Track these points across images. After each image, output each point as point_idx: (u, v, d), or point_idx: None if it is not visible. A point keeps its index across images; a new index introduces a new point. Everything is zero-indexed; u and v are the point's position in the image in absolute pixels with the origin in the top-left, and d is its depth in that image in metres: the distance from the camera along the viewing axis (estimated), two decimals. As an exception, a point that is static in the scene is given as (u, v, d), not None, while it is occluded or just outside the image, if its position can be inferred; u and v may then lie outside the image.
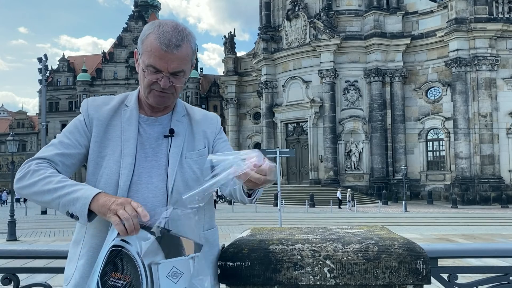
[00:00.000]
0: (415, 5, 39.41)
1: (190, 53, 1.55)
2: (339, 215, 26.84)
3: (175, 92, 1.59)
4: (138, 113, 1.64)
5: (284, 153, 18.31)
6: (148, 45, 1.51)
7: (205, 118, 1.76)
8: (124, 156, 1.56)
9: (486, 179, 34.02)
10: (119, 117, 1.64)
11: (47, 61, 32.95)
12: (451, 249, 1.80)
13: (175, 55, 1.50)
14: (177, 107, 1.70)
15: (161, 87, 1.53)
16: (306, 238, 1.73)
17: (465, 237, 13.98)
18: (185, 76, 1.57)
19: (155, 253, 1.32)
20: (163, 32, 1.50)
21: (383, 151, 38.13)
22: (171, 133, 1.62)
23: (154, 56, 1.50)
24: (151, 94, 1.57)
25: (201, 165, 1.60)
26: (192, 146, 1.65)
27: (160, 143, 1.61)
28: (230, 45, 51.55)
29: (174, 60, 1.50)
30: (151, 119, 1.65)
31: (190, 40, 1.55)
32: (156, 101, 1.59)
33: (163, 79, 1.52)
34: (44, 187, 1.44)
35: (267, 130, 43.65)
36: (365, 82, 38.98)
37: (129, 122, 1.62)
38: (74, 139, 1.60)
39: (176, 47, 1.49)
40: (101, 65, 79.28)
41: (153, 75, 1.53)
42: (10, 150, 18.67)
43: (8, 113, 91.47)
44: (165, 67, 1.51)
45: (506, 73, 34.90)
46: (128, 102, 1.68)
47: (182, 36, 1.52)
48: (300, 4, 41.30)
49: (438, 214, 27.05)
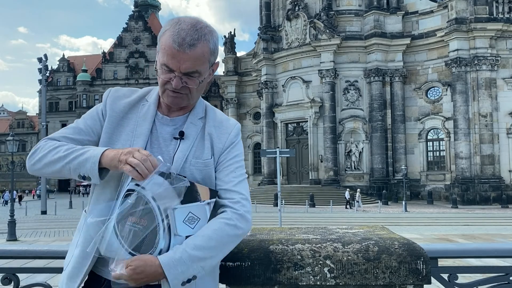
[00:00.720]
0: (415, 5, 39.40)
1: (207, 53, 1.47)
2: (339, 215, 26.84)
3: (190, 94, 1.52)
4: (156, 110, 1.59)
5: (284, 153, 18.31)
6: (163, 43, 1.46)
7: (219, 126, 1.61)
8: None
9: (486, 179, 34.01)
10: (137, 111, 1.59)
11: (47, 61, 32.99)
12: (451, 249, 1.79)
13: (188, 54, 1.43)
14: (196, 108, 1.62)
15: (173, 87, 1.48)
16: (306, 238, 1.73)
17: (465, 237, 13.99)
18: (200, 78, 1.50)
19: (170, 198, 1.33)
20: (179, 29, 1.44)
21: (383, 151, 38.13)
22: (180, 136, 1.54)
23: (167, 54, 1.44)
24: (165, 94, 1.53)
25: (205, 175, 1.52)
26: (200, 153, 1.54)
27: (169, 145, 1.54)
28: (230, 45, 51.57)
29: (187, 60, 1.44)
30: (165, 118, 1.59)
31: (209, 39, 1.47)
32: (170, 101, 1.53)
33: (175, 79, 1.46)
34: (54, 157, 1.47)
35: (267, 130, 43.66)
36: (365, 82, 38.98)
37: (144, 118, 1.57)
38: (88, 126, 1.58)
39: (190, 47, 1.42)
40: (101, 65, 79.36)
41: (166, 74, 1.47)
42: (10, 150, 18.68)
43: (8, 113, 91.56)
44: (177, 66, 1.45)
45: (506, 73, 34.89)
46: (149, 97, 1.63)
47: (200, 34, 1.44)
48: (300, 4, 41.30)
49: (438, 214, 27.05)
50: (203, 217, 1.36)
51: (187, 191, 1.36)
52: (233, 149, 1.58)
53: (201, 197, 1.36)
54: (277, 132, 42.74)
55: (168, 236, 1.33)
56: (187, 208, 1.35)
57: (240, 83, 50.84)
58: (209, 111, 1.64)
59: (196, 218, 1.35)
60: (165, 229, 1.33)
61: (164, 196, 1.33)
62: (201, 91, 1.57)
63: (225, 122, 1.63)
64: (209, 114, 1.63)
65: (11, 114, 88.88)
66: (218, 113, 1.66)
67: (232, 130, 1.61)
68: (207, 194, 1.38)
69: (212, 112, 1.64)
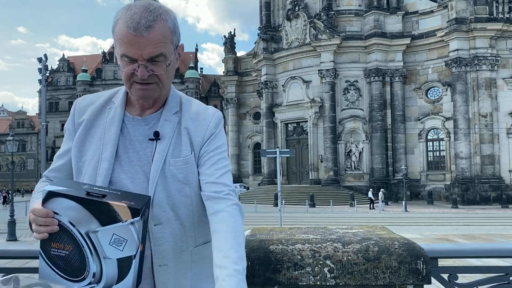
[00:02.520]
0: (415, 5, 39.41)
1: (168, 33, 1.34)
2: (339, 215, 26.84)
3: (161, 82, 1.38)
4: (123, 111, 1.46)
5: (284, 153, 18.32)
6: (117, 33, 1.32)
7: (197, 118, 1.48)
8: (102, 161, 1.41)
9: (486, 179, 34.01)
10: (104, 116, 1.47)
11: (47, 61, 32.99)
12: (451, 249, 1.79)
13: (147, 38, 1.29)
14: (169, 103, 1.48)
15: (139, 79, 1.34)
16: (306, 238, 1.73)
17: (465, 237, 14.00)
18: (167, 61, 1.36)
19: (88, 221, 1.26)
20: (132, 14, 1.31)
21: (383, 151, 38.14)
22: (155, 136, 1.42)
23: (124, 43, 1.30)
24: (132, 89, 1.38)
25: (187, 173, 1.42)
26: (178, 151, 1.43)
27: (145, 147, 1.43)
28: (230, 45, 51.62)
29: (147, 44, 1.30)
30: (137, 118, 1.46)
31: (166, 18, 1.34)
32: (140, 95, 1.39)
33: (139, 69, 1.32)
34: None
35: (267, 130, 43.67)
36: (365, 82, 38.98)
37: (111, 122, 1.44)
38: (65, 147, 1.50)
39: (147, 29, 1.29)
40: (101, 65, 79.39)
41: (128, 66, 1.33)
42: (10, 150, 18.67)
43: (8, 113, 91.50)
44: (139, 54, 1.31)
45: (506, 73, 34.89)
46: (116, 98, 1.49)
47: (155, 15, 1.32)
48: (300, 4, 41.31)
49: (438, 214, 27.06)
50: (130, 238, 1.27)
51: (105, 212, 1.26)
52: (213, 141, 1.47)
53: (122, 216, 1.25)
54: (277, 132, 42.75)
55: (97, 259, 1.28)
56: (110, 230, 1.26)
57: (240, 83, 50.87)
58: (185, 103, 1.51)
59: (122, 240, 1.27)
60: (93, 253, 1.27)
61: (80, 220, 1.26)
62: (171, 77, 1.44)
63: (203, 112, 1.50)
64: (185, 107, 1.50)
65: (11, 114, 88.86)
66: (194, 104, 1.53)
67: (211, 120, 1.49)
68: (127, 214, 1.25)
69: (187, 104, 1.51)
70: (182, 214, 1.42)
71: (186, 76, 73.69)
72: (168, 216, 1.40)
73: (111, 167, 1.40)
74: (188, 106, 1.51)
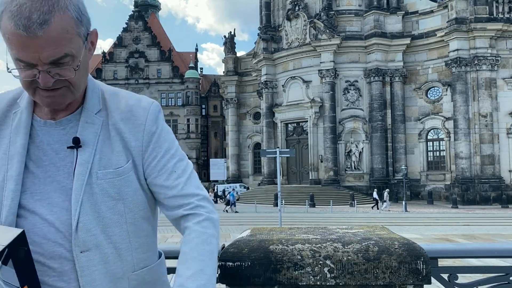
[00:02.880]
0: (415, 5, 39.43)
1: (71, 25, 1.04)
2: (339, 215, 26.84)
3: (72, 85, 1.10)
4: (31, 115, 1.18)
5: (284, 153, 18.36)
6: (4, 31, 1.02)
7: (128, 117, 1.20)
8: (7, 180, 1.12)
9: (486, 179, 34.03)
10: (9, 123, 1.18)
11: (47, 61, 33.02)
12: (451, 249, 1.79)
13: (43, 37, 0.99)
14: (89, 100, 1.19)
15: (43, 86, 1.06)
16: (306, 238, 1.73)
17: (465, 237, 14.00)
18: (75, 62, 1.08)
19: None
20: (18, 6, 0.99)
21: (383, 151, 38.15)
22: (75, 143, 1.14)
23: (14, 45, 1.01)
24: (37, 96, 1.10)
25: (121, 188, 1.16)
26: (107, 161, 1.16)
27: (63, 157, 1.15)
28: (230, 45, 51.66)
29: (45, 46, 1.01)
30: (49, 123, 1.17)
31: (66, 5, 1.03)
32: (48, 104, 1.12)
33: (41, 76, 1.04)
34: None
35: (267, 130, 43.69)
36: (365, 82, 39.00)
37: (16, 130, 1.16)
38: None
39: (41, 25, 0.99)
40: (101, 65, 79.42)
41: (27, 71, 1.05)
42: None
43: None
44: (36, 57, 1.02)
45: (506, 73, 34.91)
46: (21, 100, 1.20)
47: (50, 4, 1.00)
48: (300, 4, 41.32)
49: (438, 214, 27.07)
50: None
51: None
52: (158, 142, 1.21)
53: None
54: (277, 132, 42.77)
55: None
56: None
57: (240, 83, 50.91)
58: (110, 98, 1.22)
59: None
60: None
61: None
62: (86, 74, 1.17)
63: (135, 108, 1.21)
64: (110, 103, 1.21)
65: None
66: (122, 97, 1.24)
67: (146, 117, 1.21)
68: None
69: (113, 100, 1.22)
70: (115, 235, 1.16)
71: (186, 76, 73.71)
72: (98, 240, 1.14)
73: (19, 187, 1.12)
74: (114, 101, 1.22)
